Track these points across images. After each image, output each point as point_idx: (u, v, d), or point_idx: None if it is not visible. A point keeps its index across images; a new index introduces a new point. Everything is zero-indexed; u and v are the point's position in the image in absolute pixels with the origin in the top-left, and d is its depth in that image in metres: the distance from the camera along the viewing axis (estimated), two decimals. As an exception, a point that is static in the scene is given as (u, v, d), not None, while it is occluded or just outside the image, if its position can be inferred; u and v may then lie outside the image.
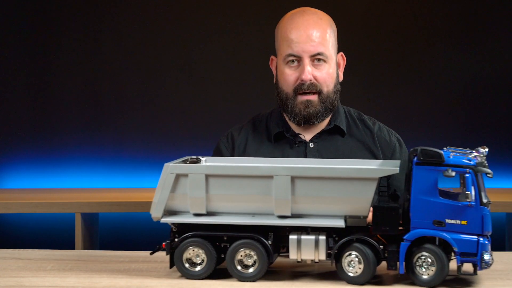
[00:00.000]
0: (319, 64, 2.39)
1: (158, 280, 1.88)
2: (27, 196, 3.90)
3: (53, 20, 4.42)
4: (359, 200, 1.83)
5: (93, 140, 4.37)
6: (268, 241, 1.86)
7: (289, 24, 2.42)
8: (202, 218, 1.90)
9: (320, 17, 2.43)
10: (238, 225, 1.88)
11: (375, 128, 2.53)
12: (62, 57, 4.41)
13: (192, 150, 4.14)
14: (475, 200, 1.77)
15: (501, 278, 1.89)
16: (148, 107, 4.41)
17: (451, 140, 4.27)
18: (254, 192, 1.87)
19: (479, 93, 4.36)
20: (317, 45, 2.38)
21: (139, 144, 4.38)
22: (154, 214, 1.93)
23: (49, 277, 1.94)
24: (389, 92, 4.38)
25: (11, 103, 4.43)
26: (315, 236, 1.85)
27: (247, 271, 1.87)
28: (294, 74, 2.41)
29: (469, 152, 1.84)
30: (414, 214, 1.80)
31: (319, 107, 2.41)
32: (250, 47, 4.34)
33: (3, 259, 2.16)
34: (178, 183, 1.89)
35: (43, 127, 4.41)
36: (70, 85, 4.41)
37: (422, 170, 1.80)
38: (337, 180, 1.83)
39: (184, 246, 1.89)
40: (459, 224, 1.78)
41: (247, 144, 2.52)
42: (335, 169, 1.85)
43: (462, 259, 1.78)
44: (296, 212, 1.87)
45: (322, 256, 1.85)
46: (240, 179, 1.87)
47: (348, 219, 1.86)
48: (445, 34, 4.36)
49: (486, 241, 1.78)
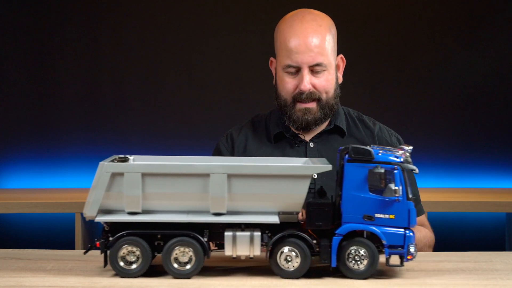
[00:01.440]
0: (318, 72, 2.41)
1: (158, 280, 1.87)
2: (27, 196, 3.88)
3: (53, 20, 4.34)
4: (293, 197, 1.89)
5: (93, 140, 4.32)
6: (203, 238, 1.89)
7: (288, 32, 2.42)
8: (137, 216, 1.90)
9: (319, 24, 2.42)
10: (173, 222, 1.90)
11: (375, 128, 2.57)
12: (62, 57, 4.35)
13: (192, 150, 4.15)
14: (402, 195, 1.86)
15: (501, 278, 1.91)
16: (148, 107, 4.37)
17: (451, 140, 4.39)
18: (190, 190, 1.89)
19: (479, 93, 4.42)
20: (316, 55, 2.39)
21: (139, 144, 4.35)
22: (88, 213, 1.91)
23: (49, 277, 1.91)
24: (389, 92, 4.42)
25: (11, 103, 4.35)
26: (250, 232, 1.90)
27: (184, 268, 1.89)
28: (293, 82, 2.42)
29: (396, 150, 1.93)
30: (346, 209, 1.88)
31: (318, 113, 2.44)
32: (250, 48, 4.33)
33: (3, 259, 2.12)
34: (113, 182, 1.89)
35: (43, 127, 4.34)
36: (70, 85, 4.35)
37: (353, 167, 1.87)
38: (272, 178, 1.88)
39: (119, 244, 1.89)
40: (388, 218, 1.87)
41: (247, 144, 2.54)
42: (270, 167, 1.90)
43: (390, 251, 1.86)
44: (231, 209, 1.90)
45: (257, 252, 1.89)
46: (176, 178, 1.88)
47: (281, 215, 1.91)
48: (445, 34, 4.42)
49: (411, 234, 1.87)
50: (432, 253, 2.34)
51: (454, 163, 4.42)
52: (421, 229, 2.50)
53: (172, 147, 4.31)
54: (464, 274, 1.96)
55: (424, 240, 2.48)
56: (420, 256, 2.17)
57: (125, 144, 4.36)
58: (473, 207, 3.81)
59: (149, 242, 1.90)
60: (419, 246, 2.43)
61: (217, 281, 1.87)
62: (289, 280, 1.87)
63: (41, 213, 3.78)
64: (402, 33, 4.43)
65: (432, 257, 2.19)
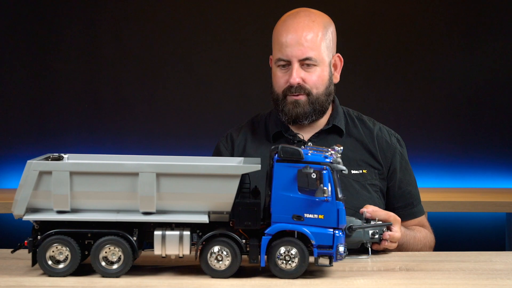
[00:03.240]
0: (309, 67, 2.40)
1: (158, 280, 1.87)
2: None
3: (53, 20, 4.33)
4: (222, 197, 1.89)
5: (93, 140, 4.30)
6: (133, 237, 1.88)
7: (281, 27, 2.43)
8: (66, 215, 1.90)
9: (313, 19, 2.42)
10: (104, 221, 1.89)
11: (375, 128, 2.55)
12: (62, 57, 4.34)
13: (192, 150, 4.14)
14: (331, 195, 1.86)
15: (501, 278, 1.91)
16: (148, 107, 4.37)
17: (451, 140, 4.38)
18: (119, 189, 1.88)
19: (479, 93, 4.43)
20: (306, 49, 2.38)
21: (139, 144, 4.33)
22: (16, 212, 1.91)
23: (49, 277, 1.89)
24: (389, 92, 4.42)
25: (11, 103, 4.34)
26: (179, 232, 1.89)
27: (112, 267, 1.88)
28: (284, 76, 2.42)
29: (326, 150, 1.93)
30: (275, 209, 1.88)
31: (307, 107, 2.42)
32: (250, 47, 4.33)
33: (3, 259, 2.10)
34: (41, 181, 1.88)
35: (43, 127, 4.34)
36: (70, 85, 4.34)
37: (282, 167, 1.87)
38: (201, 177, 1.88)
39: (48, 243, 1.88)
40: (317, 218, 1.87)
41: (247, 144, 2.53)
42: (199, 166, 1.89)
43: (319, 251, 1.86)
44: (161, 208, 1.90)
45: (187, 251, 1.89)
46: (105, 176, 1.88)
47: (211, 214, 1.91)
48: (446, 34, 4.43)
49: (341, 234, 1.88)
50: (432, 253, 2.34)
51: (454, 163, 4.43)
52: (421, 229, 2.49)
53: (172, 147, 4.32)
54: (464, 274, 1.96)
55: (424, 241, 2.46)
56: (420, 256, 2.20)
57: (125, 144, 4.36)
58: (473, 207, 3.81)
59: (78, 241, 1.89)
60: (419, 246, 2.43)
61: (217, 281, 1.86)
62: (289, 280, 1.87)
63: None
64: (402, 33, 4.45)
65: (432, 257, 2.19)
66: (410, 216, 2.50)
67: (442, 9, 4.46)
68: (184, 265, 1.99)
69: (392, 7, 4.44)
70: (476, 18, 4.46)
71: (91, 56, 4.39)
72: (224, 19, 4.42)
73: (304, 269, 1.87)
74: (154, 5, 4.40)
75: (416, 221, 2.53)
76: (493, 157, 4.43)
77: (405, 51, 4.45)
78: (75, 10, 4.37)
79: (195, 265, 1.95)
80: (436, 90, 4.45)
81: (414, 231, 2.44)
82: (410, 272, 1.98)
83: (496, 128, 4.46)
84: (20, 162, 4.28)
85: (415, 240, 2.41)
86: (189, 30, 4.40)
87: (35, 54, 4.38)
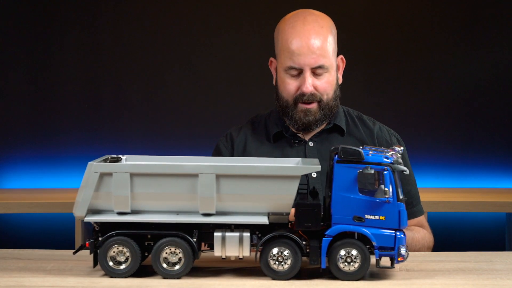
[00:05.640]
0: (320, 74, 2.40)
1: (158, 280, 1.87)
2: (27, 196, 3.90)
3: (53, 20, 4.36)
4: (282, 198, 1.88)
5: (93, 140, 4.33)
6: (193, 239, 1.89)
7: (290, 33, 2.41)
8: (127, 216, 1.90)
9: (321, 25, 2.42)
10: (163, 223, 1.90)
11: (375, 128, 2.56)
12: (62, 57, 4.36)
13: (192, 150, 4.15)
14: (392, 196, 1.84)
15: (501, 278, 1.91)
16: (148, 107, 4.38)
17: (451, 140, 4.36)
18: (179, 191, 1.89)
19: (479, 93, 4.40)
20: (318, 57, 2.38)
21: (139, 144, 4.36)
22: (77, 213, 1.91)
23: (49, 277, 1.92)
24: (389, 92, 4.41)
25: (11, 103, 4.37)
26: (239, 233, 1.89)
27: (173, 269, 1.88)
28: (294, 83, 2.42)
29: (386, 150, 1.91)
30: (335, 210, 1.86)
31: (318, 114, 2.43)
32: (250, 47, 4.33)
33: (3, 259, 2.13)
34: (102, 182, 1.89)
35: (43, 127, 4.36)
36: (70, 85, 4.36)
37: (342, 168, 1.86)
38: (261, 178, 1.87)
39: (108, 244, 1.89)
40: (378, 220, 1.85)
41: (247, 144, 2.54)
42: (259, 167, 1.89)
43: (380, 253, 1.85)
44: (220, 209, 1.90)
45: (246, 253, 1.89)
46: (165, 178, 1.88)
47: (271, 216, 1.90)
48: (446, 34, 4.40)
49: (402, 235, 1.86)
50: (432, 253, 2.32)
51: (454, 163, 4.40)
52: (420, 230, 2.49)
53: (172, 147, 4.31)
54: (464, 274, 1.94)
55: (423, 241, 2.46)
56: (420, 256, 2.18)
57: (125, 144, 4.36)
58: (473, 207, 3.79)
59: (138, 242, 1.90)
60: (417, 247, 2.42)
61: (217, 281, 1.86)
62: (289, 281, 1.86)
63: (41, 213, 3.81)
64: (402, 33, 4.42)
65: (432, 257, 2.17)
66: (409, 215, 2.46)
67: (442, 9, 4.43)
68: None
69: (392, 7, 4.43)
70: (476, 18, 4.42)
71: (91, 56, 4.38)
72: (224, 19, 4.40)
73: (366, 270, 1.85)
74: (155, 5, 4.40)
75: (415, 221, 2.53)
76: (493, 157, 4.39)
77: (405, 51, 4.43)
78: (75, 10, 4.38)
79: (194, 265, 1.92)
80: (436, 90, 4.42)
81: (412, 231, 2.43)
82: (410, 272, 1.97)
83: (496, 128, 4.43)
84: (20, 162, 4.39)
85: (413, 241, 2.40)
86: (189, 30, 4.39)
87: (35, 54, 4.38)
